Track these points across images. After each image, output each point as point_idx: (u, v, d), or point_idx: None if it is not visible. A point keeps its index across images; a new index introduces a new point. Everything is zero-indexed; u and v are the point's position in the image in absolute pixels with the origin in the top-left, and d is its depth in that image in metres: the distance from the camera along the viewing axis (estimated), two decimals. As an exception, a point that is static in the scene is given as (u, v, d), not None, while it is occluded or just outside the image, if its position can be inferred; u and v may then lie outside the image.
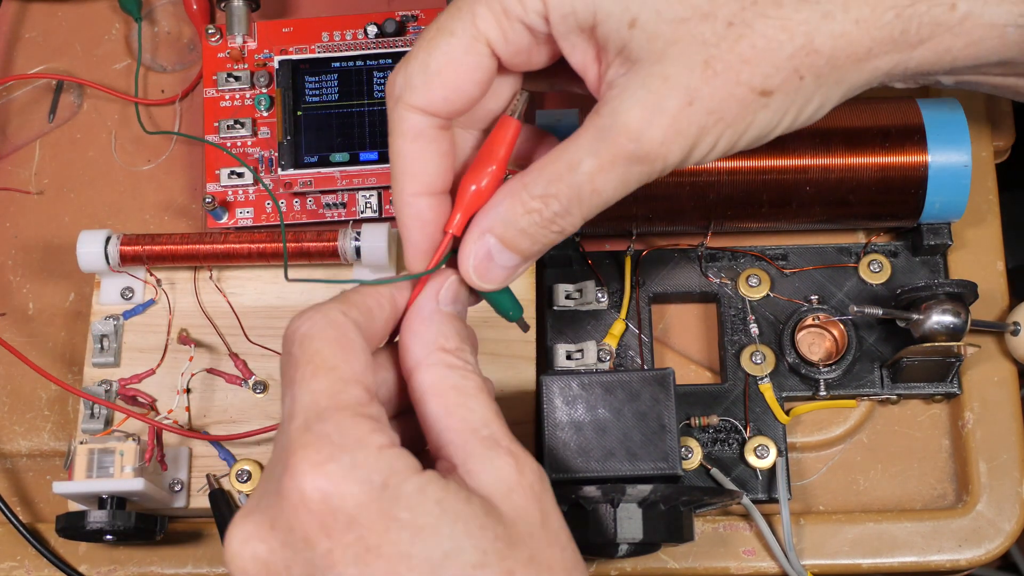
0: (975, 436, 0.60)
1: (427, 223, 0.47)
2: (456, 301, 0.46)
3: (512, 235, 0.46)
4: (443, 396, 0.44)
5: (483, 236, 0.46)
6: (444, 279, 0.46)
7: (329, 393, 0.41)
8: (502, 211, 0.46)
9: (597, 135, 0.45)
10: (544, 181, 0.45)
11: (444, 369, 0.44)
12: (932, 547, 0.58)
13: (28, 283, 0.66)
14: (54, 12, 0.71)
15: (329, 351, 0.42)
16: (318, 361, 0.42)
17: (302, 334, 0.43)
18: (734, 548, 0.59)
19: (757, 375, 0.60)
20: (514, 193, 0.46)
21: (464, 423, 0.43)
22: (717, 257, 0.62)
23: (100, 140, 0.69)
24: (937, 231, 0.60)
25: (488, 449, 0.42)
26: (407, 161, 0.46)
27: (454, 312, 0.46)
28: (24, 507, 0.63)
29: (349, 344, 0.43)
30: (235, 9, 0.67)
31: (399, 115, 0.46)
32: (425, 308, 0.46)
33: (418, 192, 0.46)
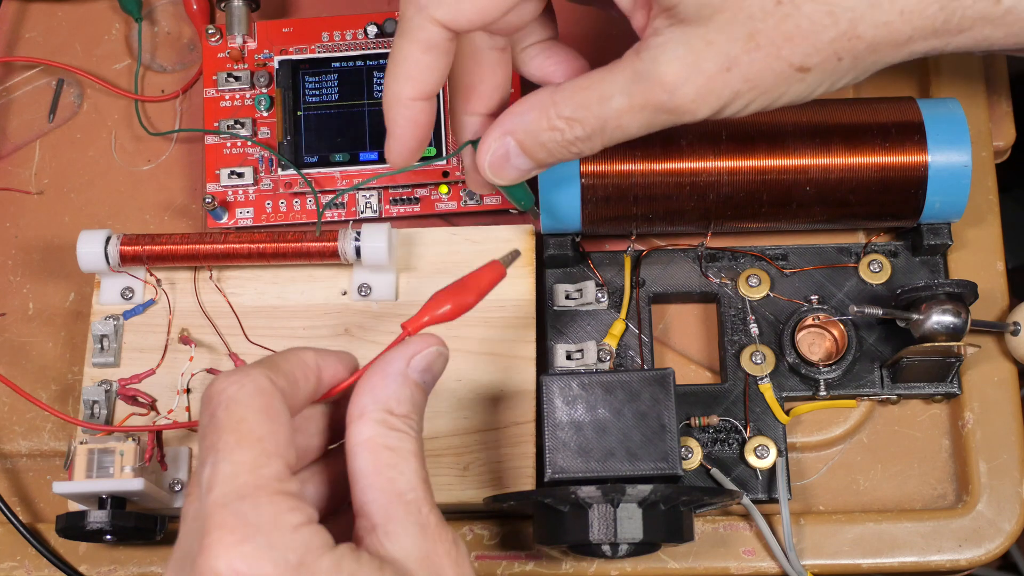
0: (975, 436, 0.60)
1: (418, 125, 0.49)
2: (427, 371, 0.46)
3: (531, 144, 0.49)
4: (375, 453, 0.44)
5: (504, 137, 0.49)
6: (426, 345, 0.46)
7: (251, 467, 0.41)
8: (527, 120, 0.48)
9: (633, 77, 0.46)
10: (573, 104, 0.47)
11: (383, 428, 0.44)
12: (932, 547, 0.58)
13: (28, 283, 0.66)
14: (54, 12, 0.72)
15: (255, 420, 0.42)
16: (243, 430, 0.41)
17: (228, 397, 0.42)
18: (734, 548, 0.59)
19: (757, 375, 0.60)
20: (542, 107, 0.48)
21: (391, 484, 0.43)
22: (717, 257, 0.62)
23: (100, 140, 0.69)
24: (937, 231, 0.60)
25: (408, 514, 0.43)
26: (415, 68, 0.48)
27: (419, 381, 0.46)
28: (24, 507, 0.63)
29: (275, 414, 0.42)
30: (235, 9, 0.67)
31: (419, 24, 0.47)
32: (392, 366, 0.46)
33: (417, 97, 0.48)
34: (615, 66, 0.47)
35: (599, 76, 0.48)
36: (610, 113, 0.47)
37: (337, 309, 0.61)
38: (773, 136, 0.58)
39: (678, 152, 0.58)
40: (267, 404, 0.42)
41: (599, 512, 0.52)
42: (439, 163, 0.64)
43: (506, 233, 0.62)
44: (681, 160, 0.58)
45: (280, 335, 0.61)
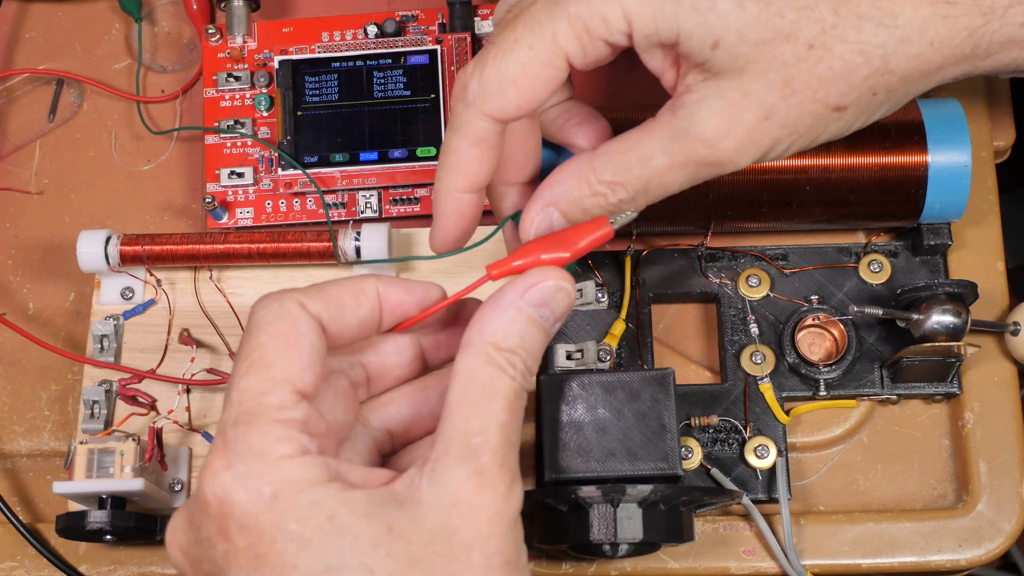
0: (975, 436, 0.60)
1: (464, 217, 0.50)
2: (543, 306, 0.45)
3: (575, 213, 0.49)
4: (467, 387, 0.43)
5: (546, 208, 0.49)
6: (543, 277, 0.45)
7: (254, 393, 0.42)
8: (568, 188, 0.48)
9: (672, 136, 0.47)
10: (613, 168, 0.48)
11: (482, 362, 0.43)
12: (932, 547, 0.58)
13: (28, 283, 0.66)
14: (54, 12, 0.71)
15: (270, 346, 0.43)
16: (255, 357, 0.43)
17: (255, 321, 0.44)
18: (734, 548, 0.59)
19: (757, 375, 0.60)
20: (582, 174, 0.48)
21: (464, 422, 0.42)
22: (717, 257, 0.62)
23: (100, 140, 0.69)
24: (937, 231, 0.60)
25: (461, 456, 0.42)
26: (464, 161, 0.48)
27: (535, 316, 0.45)
28: (24, 507, 0.63)
29: (295, 340, 0.43)
30: (235, 9, 0.67)
31: (468, 119, 0.47)
32: (504, 298, 0.45)
33: (466, 189, 0.49)
34: (651, 125, 0.48)
35: (636, 137, 0.48)
36: (652, 173, 0.47)
37: (337, 309, 0.61)
38: (773, 136, 0.58)
39: (678, 152, 0.58)
40: (289, 329, 0.43)
41: (599, 512, 0.52)
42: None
43: (506, 233, 0.62)
44: (681, 160, 0.58)
45: (280, 335, 0.61)
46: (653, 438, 0.54)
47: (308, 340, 0.43)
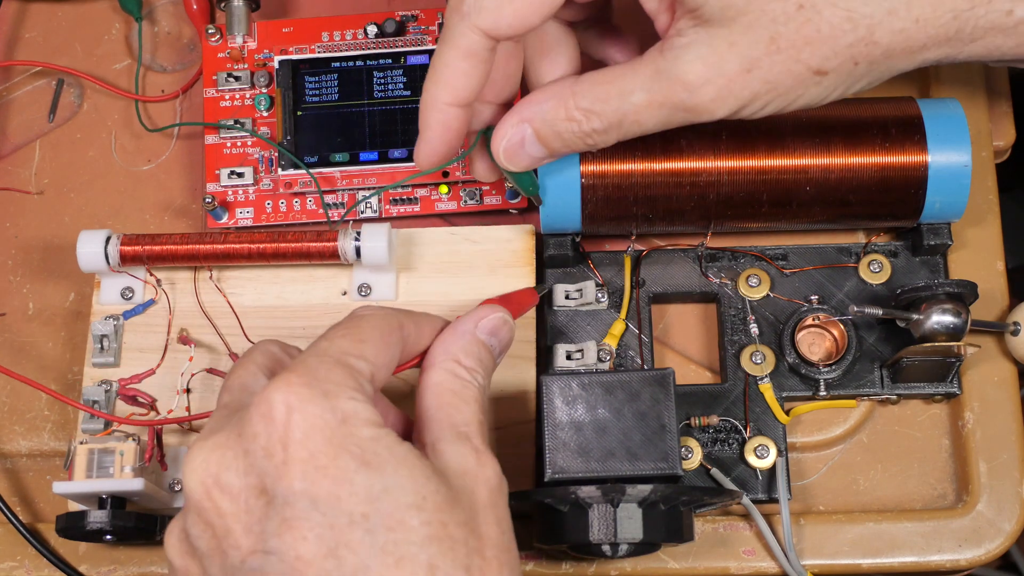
0: (975, 436, 0.60)
1: (450, 129, 0.51)
2: (493, 334, 0.50)
3: (547, 133, 0.50)
4: (440, 396, 0.48)
5: (521, 124, 0.51)
6: (491, 311, 0.51)
7: (342, 350, 0.45)
8: (545, 109, 0.50)
9: (655, 74, 0.48)
10: (592, 97, 0.49)
11: (450, 374, 0.48)
12: (932, 547, 0.58)
13: (28, 283, 0.66)
14: (54, 12, 0.71)
15: (369, 331, 0.46)
16: (353, 331, 0.46)
17: (359, 314, 0.48)
18: (734, 548, 0.59)
19: (757, 375, 0.60)
20: (561, 97, 0.50)
21: (448, 417, 0.47)
22: (717, 257, 0.62)
23: (100, 140, 0.69)
24: (937, 231, 0.60)
25: (458, 439, 0.46)
26: (453, 75, 0.49)
27: (486, 342, 0.50)
28: (24, 507, 0.63)
29: (388, 339, 0.47)
30: (235, 9, 0.67)
31: (460, 31, 0.48)
32: (462, 326, 0.50)
33: (452, 103, 0.50)
34: (637, 63, 0.49)
35: (620, 71, 0.49)
36: (629, 108, 0.49)
37: (337, 309, 0.61)
38: (773, 136, 0.58)
39: (678, 152, 0.58)
40: (387, 330, 0.47)
41: (599, 512, 0.52)
42: (439, 163, 0.64)
43: (506, 233, 0.62)
44: (681, 160, 0.58)
45: (280, 335, 0.60)
46: (653, 438, 0.54)
47: (397, 346, 0.47)
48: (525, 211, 0.65)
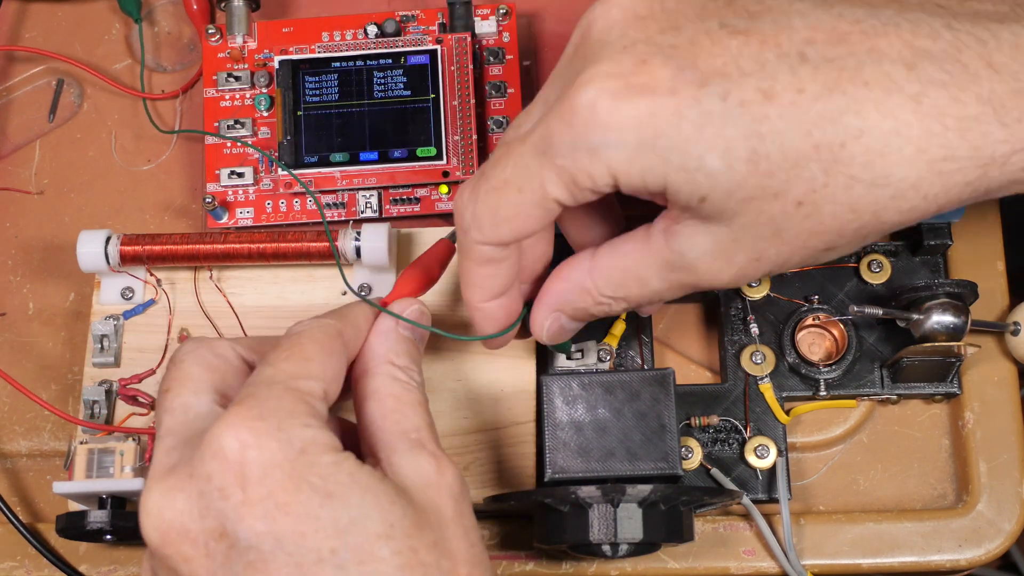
0: (975, 436, 0.60)
1: (496, 320, 0.52)
2: (413, 330, 0.50)
3: (580, 315, 0.51)
4: (382, 401, 0.47)
5: (554, 313, 0.51)
6: (405, 308, 0.50)
7: (289, 374, 0.44)
8: (572, 299, 0.50)
9: (666, 266, 0.47)
10: (613, 285, 0.49)
11: (388, 379, 0.48)
12: (932, 547, 0.58)
13: (28, 283, 0.66)
14: (54, 12, 0.72)
15: (311, 347, 0.46)
16: (295, 350, 0.45)
17: (296, 331, 0.47)
18: (734, 548, 0.59)
19: (757, 375, 0.60)
20: (584, 290, 0.50)
21: (396, 425, 0.46)
22: (717, 257, 0.62)
23: (100, 140, 0.69)
24: (937, 231, 0.60)
25: (412, 448, 0.45)
26: (479, 279, 0.50)
27: (410, 336, 0.50)
28: (24, 507, 0.63)
29: (331, 350, 0.46)
30: (235, 9, 0.67)
31: (468, 245, 0.48)
32: (383, 325, 0.49)
33: (488, 300, 0.51)
34: (646, 248, 0.48)
35: (633, 259, 0.48)
36: (649, 293, 0.49)
37: (337, 309, 0.61)
38: (773, 136, 0.58)
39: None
40: (328, 341, 0.46)
41: (599, 512, 0.52)
42: (439, 163, 0.64)
43: (506, 233, 0.62)
44: (681, 160, 0.58)
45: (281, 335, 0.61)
46: (653, 438, 0.54)
47: (339, 356, 0.46)
48: (525, 211, 0.65)
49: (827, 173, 0.43)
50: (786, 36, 0.42)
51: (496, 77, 0.66)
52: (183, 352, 0.47)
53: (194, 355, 0.47)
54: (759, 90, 0.42)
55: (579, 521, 0.53)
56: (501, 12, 0.66)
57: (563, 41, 0.70)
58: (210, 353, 0.47)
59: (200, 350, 0.47)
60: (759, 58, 0.42)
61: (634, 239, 0.48)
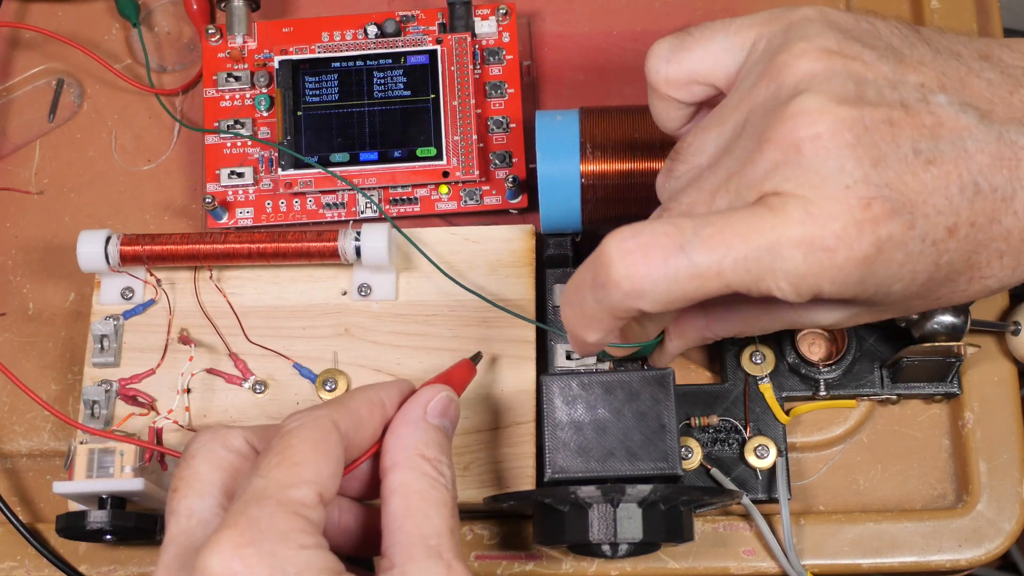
0: (975, 436, 0.60)
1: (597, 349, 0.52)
2: (443, 415, 0.49)
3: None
4: (407, 498, 0.46)
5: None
6: (436, 392, 0.49)
7: (281, 485, 0.43)
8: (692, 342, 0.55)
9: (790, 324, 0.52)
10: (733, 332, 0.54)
11: (416, 474, 0.46)
12: (932, 547, 0.58)
13: (28, 283, 0.66)
14: (54, 12, 0.72)
15: (302, 449, 0.44)
16: (287, 454, 0.44)
17: (287, 430, 0.45)
18: (734, 548, 0.59)
19: (757, 375, 0.60)
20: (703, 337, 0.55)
21: (416, 528, 0.45)
22: (717, 257, 0.62)
23: (100, 140, 0.69)
24: (937, 231, 0.60)
25: (428, 558, 0.44)
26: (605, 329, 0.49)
27: (440, 425, 0.48)
28: (24, 507, 0.63)
29: (324, 448, 0.44)
30: (235, 9, 0.67)
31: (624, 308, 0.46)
32: (411, 414, 0.48)
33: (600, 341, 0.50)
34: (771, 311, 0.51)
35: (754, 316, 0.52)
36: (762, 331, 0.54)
37: (337, 309, 0.61)
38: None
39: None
40: (320, 438, 0.44)
41: (599, 512, 0.52)
42: (439, 163, 0.64)
43: (506, 233, 0.62)
44: (681, 160, 0.58)
45: (280, 335, 0.61)
46: (653, 438, 0.54)
47: (335, 453, 0.45)
48: (525, 211, 0.65)
49: (969, 283, 0.47)
50: (964, 165, 0.44)
51: (496, 77, 0.66)
52: (194, 447, 0.46)
53: (204, 451, 0.46)
54: (946, 228, 0.44)
55: (579, 521, 0.52)
56: (501, 12, 0.66)
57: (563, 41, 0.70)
58: (221, 448, 0.46)
59: (211, 444, 0.46)
60: (947, 193, 0.44)
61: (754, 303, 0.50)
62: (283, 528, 0.41)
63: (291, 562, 0.41)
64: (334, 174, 0.63)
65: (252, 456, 0.46)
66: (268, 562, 0.40)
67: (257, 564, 0.40)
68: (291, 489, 0.42)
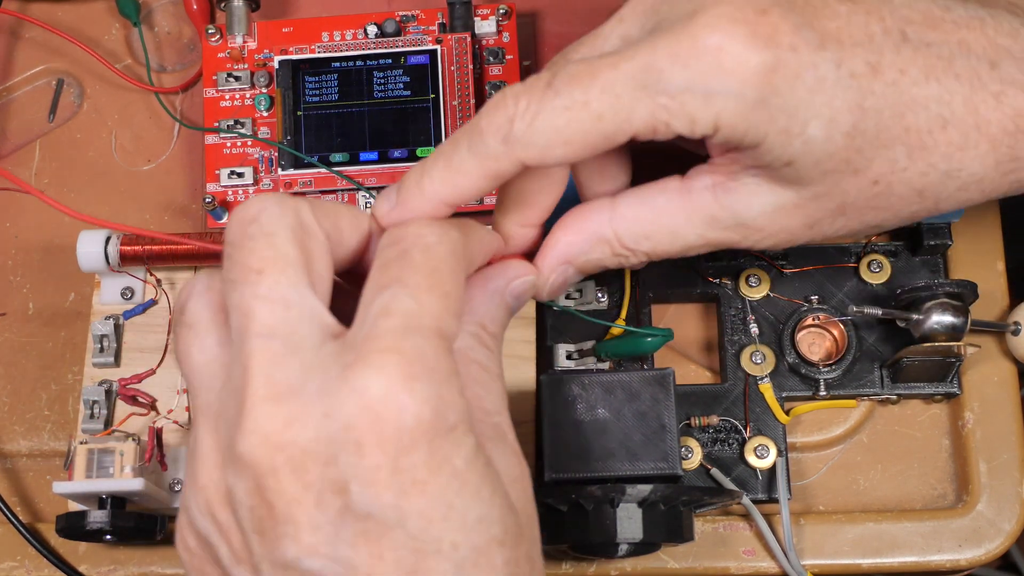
0: (975, 436, 0.60)
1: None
2: (520, 298, 0.46)
3: (590, 268, 0.48)
4: (467, 366, 0.42)
5: (563, 266, 0.48)
6: (526, 272, 0.46)
7: (435, 315, 0.38)
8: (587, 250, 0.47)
9: (710, 221, 0.46)
10: (638, 235, 0.46)
11: (475, 341, 0.43)
12: (932, 547, 0.58)
13: (28, 283, 0.66)
14: (54, 12, 0.71)
15: (448, 276, 0.40)
16: (437, 279, 0.39)
17: (425, 243, 0.40)
18: (734, 548, 0.59)
19: (757, 375, 0.60)
20: (603, 239, 0.47)
21: (478, 401, 0.42)
22: (717, 257, 0.62)
23: (100, 140, 0.69)
24: (937, 231, 0.60)
25: (496, 440, 0.41)
26: (471, 186, 0.44)
27: (512, 304, 0.46)
28: (24, 507, 0.63)
29: (461, 279, 0.40)
30: (235, 9, 0.67)
31: (495, 156, 0.43)
32: (492, 282, 0.45)
33: (453, 206, 0.45)
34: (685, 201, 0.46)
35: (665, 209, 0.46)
36: (679, 248, 0.47)
37: (337, 309, 0.61)
38: (773, 136, 0.58)
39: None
40: (457, 267, 0.40)
41: (599, 512, 0.52)
42: (439, 163, 0.64)
43: (506, 233, 0.62)
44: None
45: (280, 335, 0.61)
46: (653, 438, 0.54)
47: (463, 283, 0.41)
48: (525, 211, 0.65)
49: (910, 157, 0.43)
50: (888, 11, 0.42)
51: (496, 77, 0.66)
52: (267, 215, 0.39)
53: (283, 224, 0.39)
54: (868, 63, 0.42)
55: (579, 521, 0.53)
56: (501, 12, 0.66)
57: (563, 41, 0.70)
58: (299, 226, 0.40)
59: (288, 218, 0.39)
60: (867, 29, 0.42)
61: (667, 191, 0.46)
62: (447, 369, 0.37)
63: (453, 408, 0.37)
64: (338, 173, 0.63)
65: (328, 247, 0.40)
66: (434, 405, 0.36)
67: (424, 403, 0.36)
68: (444, 321, 0.38)
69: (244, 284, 0.39)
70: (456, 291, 0.39)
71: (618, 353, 0.58)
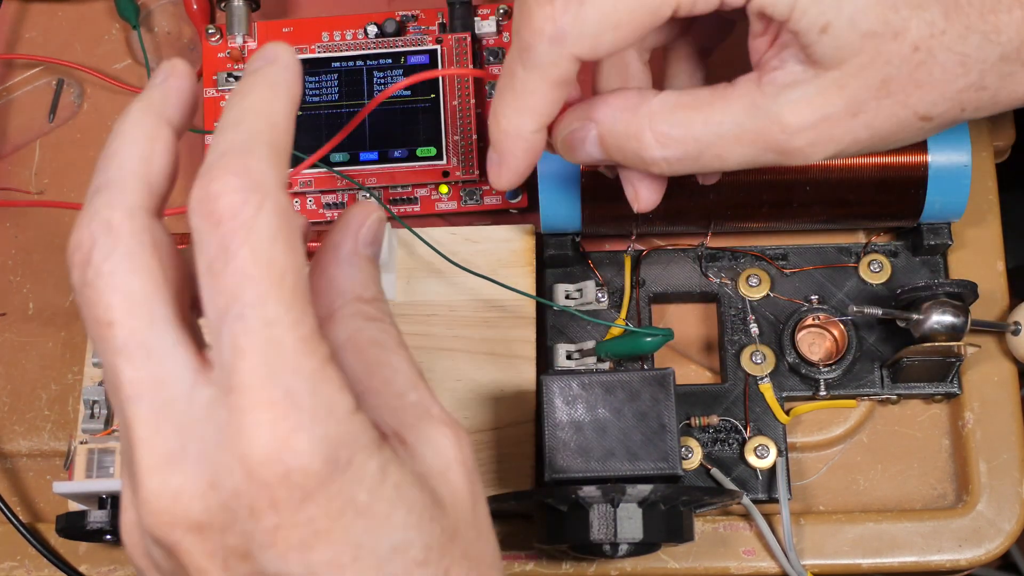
0: (975, 436, 0.60)
1: (533, 153, 0.47)
2: (375, 242, 0.40)
3: (611, 143, 0.46)
4: (362, 352, 0.38)
5: (588, 122, 0.46)
6: (366, 215, 0.40)
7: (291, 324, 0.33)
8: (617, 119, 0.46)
9: (751, 108, 0.44)
10: (673, 121, 0.45)
11: (362, 320, 0.39)
12: (932, 547, 0.58)
13: (28, 283, 0.66)
14: (54, 12, 0.71)
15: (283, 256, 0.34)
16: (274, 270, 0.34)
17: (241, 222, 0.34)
18: (734, 548, 0.59)
19: (757, 375, 0.60)
20: (636, 113, 0.46)
21: (388, 386, 0.38)
22: (717, 257, 0.62)
23: (100, 140, 0.69)
24: (937, 231, 0.60)
25: (421, 420, 0.38)
26: (541, 102, 0.45)
27: (372, 255, 0.40)
28: (24, 507, 0.63)
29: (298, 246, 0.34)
30: (235, 9, 0.67)
31: (552, 60, 0.43)
32: (343, 248, 0.40)
33: (538, 129, 0.45)
34: (727, 91, 0.45)
35: (706, 97, 0.45)
36: (714, 140, 0.45)
37: (337, 309, 0.61)
38: (773, 136, 0.58)
39: (678, 152, 0.58)
40: (292, 239, 0.34)
41: (599, 512, 0.52)
42: (439, 163, 0.64)
43: (505, 233, 0.62)
44: (681, 160, 0.58)
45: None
46: (653, 438, 0.54)
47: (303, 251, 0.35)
48: (525, 211, 0.65)
49: (946, 18, 0.43)
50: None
51: (496, 77, 0.66)
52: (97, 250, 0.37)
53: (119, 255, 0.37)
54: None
55: (579, 521, 0.53)
56: (501, 12, 0.66)
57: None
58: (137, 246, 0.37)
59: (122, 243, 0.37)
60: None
61: (713, 87, 0.46)
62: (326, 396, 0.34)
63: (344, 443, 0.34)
64: (338, 173, 0.63)
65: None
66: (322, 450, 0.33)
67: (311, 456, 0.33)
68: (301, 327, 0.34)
69: (101, 342, 0.35)
70: (300, 272, 0.34)
71: (618, 353, 0.58)
